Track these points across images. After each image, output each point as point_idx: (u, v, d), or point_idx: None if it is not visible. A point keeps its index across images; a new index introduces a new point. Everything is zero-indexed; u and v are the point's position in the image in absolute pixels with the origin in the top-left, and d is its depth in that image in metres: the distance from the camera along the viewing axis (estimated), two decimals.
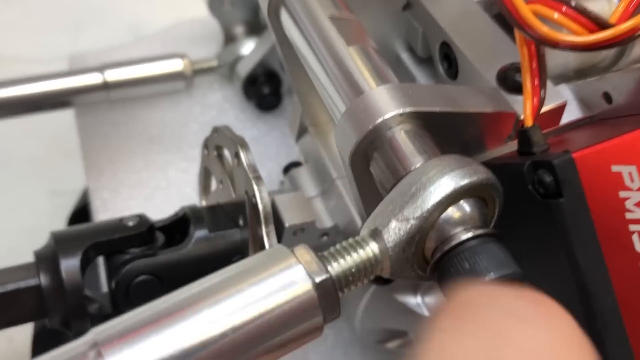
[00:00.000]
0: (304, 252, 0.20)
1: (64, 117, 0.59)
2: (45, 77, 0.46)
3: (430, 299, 0.34)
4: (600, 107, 0.27)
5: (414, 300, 0.33)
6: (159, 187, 0.44)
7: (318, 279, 0.19)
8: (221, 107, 0.49)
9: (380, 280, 0.32)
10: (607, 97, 0.26)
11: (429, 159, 0.21)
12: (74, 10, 0.84)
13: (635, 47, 0.30)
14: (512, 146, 0.26)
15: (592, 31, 0.21)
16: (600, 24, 0.22)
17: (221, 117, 0.49)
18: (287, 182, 0.37)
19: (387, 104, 0.23)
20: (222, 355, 0.18)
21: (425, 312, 0.34)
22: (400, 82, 0.25)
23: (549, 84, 0.27)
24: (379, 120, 0.22)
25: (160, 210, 0.36)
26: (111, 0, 0.83)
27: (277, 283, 0.19)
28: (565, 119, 0.28)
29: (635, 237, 0.22)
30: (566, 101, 0.26)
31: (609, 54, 0.30)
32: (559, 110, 0.26)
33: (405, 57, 0.34)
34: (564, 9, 0.22)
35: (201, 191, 0.38)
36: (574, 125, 0.27)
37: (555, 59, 0.29)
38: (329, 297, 0.19)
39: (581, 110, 0.28)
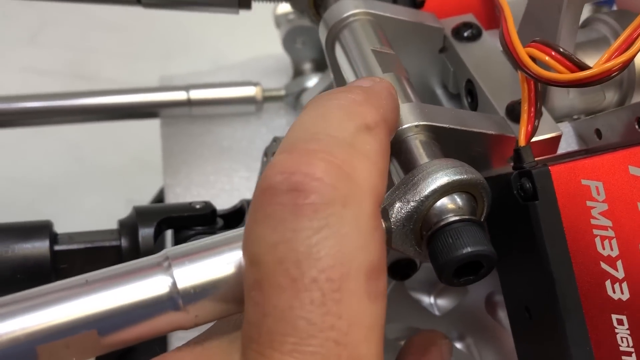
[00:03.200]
0: None
1: (146, 135, 0.67)
2: (141, 90, 0.55)
3: (442, 301, 0.38)
4: (593, 141, 0.32)
5: (427, 300, 0.38)
6: (223, 189, 0.51)
7: None
8: (284, 130, 0.56)
9: (397, 276, 0.37)
10: (598, 133, 0.31)
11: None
12: (164, 42, 0.95)
13: (635, 95, 0.34)
14: None
15: (573, 72, 0.27)
16: (581, 67, 0.27)
17: None
18: None
19: (406, 117, 0.29)
20: None
21: (437, 312, 0.38)
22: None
23: (550, 118, 0.32)
24: (399, 129, 0.28)
25: (222, 208, 0.43)
26: (197, 37, 0.94)
27: None
28: (565, 149, 0.33)
29: (597, 240, 0.26)
30: (562, 132, 0.31)
31: (613, 98, 0.35)
32: (556, 139, 0.32)
33: (440, 92, 0.40)
34: (553, 53, 0.27)
35: None
36: (570, 154, 0.32)
37: (563, 101, 0.34)
38: None
39: (577, 144, 0.33)
